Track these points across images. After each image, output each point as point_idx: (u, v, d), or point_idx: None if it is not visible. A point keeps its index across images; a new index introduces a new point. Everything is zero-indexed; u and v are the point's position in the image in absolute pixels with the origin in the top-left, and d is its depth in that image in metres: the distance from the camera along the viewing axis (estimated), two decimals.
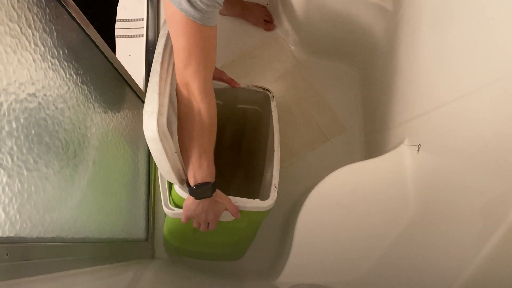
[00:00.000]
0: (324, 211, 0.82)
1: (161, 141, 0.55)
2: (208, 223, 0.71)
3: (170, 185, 0.76)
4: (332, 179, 0.84)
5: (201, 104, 0.58)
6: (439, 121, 0.72)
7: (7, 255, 0.41)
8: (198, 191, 0.64)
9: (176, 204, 0.74)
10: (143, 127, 0.56)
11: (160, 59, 0.62)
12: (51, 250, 0.50)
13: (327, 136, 1.18)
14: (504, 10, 0.53)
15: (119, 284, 0.67)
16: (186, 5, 0.48)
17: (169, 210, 0.73)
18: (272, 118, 0.90)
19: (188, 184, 0.65)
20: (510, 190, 0.53)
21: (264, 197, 0.77)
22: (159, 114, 0.55)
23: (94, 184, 0.64)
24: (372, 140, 1.10)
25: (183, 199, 0.69)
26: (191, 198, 0.65)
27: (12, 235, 0.43)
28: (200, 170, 0.62)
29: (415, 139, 0.80)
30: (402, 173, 0.82)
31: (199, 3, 0.48)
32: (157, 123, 0.54)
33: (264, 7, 1.25)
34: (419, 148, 0.78)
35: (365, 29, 1.04)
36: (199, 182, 0.63)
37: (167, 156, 0.59)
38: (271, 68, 1.23)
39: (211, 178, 0.64)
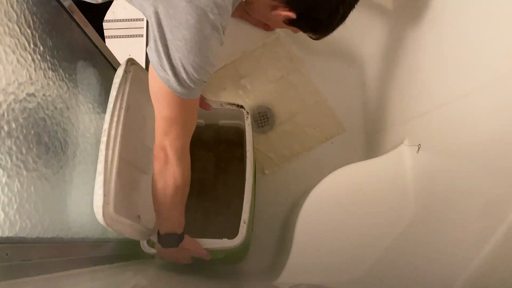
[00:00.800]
0: (324, 211, 0.82)
1: (112, 226, 0.58)
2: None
3: None
4: (332, 179, 0.84)
5: (177, 168, 0.59)
6: (439, 121, 0.72)
7: (6, 255, 0.41)
8: (164, 240, 0.66)
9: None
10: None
11: (105, 138, 0.60)
12: (50, 250, 0.50)
13: (327, 136, 1.18)
14: (504, 10, 0.53)
15: (119, 284, 0.67)
16: (174, 84, 0.49)
17: (147, 251, 0.76)
18: (245, 138, 0.84)
19: (158, 231, 0.67)
20: (510, 190, 0.53)
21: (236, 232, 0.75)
22: (105, 203, 0.58)
23: (94, 184, 0.64)
24: (372, 140, 1.10)
25: None
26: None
27: (11, 235, 0.43)
28: (169, 222, 0.65)
29: (415, 139, 0.80)
30: (402, 173, 0.81)
31: (188, 82, 0.49)
32: (103, 214, 0.57)
33: None
34: (419, 148, 0.77)
35: (365, 29, 1.04)
36: (166, 232, 0.66)
37: (123, 232, 0.62)
38: (272, 68, 1.23)
39: (179, 230, 0.66)
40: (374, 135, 1.09)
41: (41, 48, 0.49)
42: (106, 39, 1.07)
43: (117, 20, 1.05)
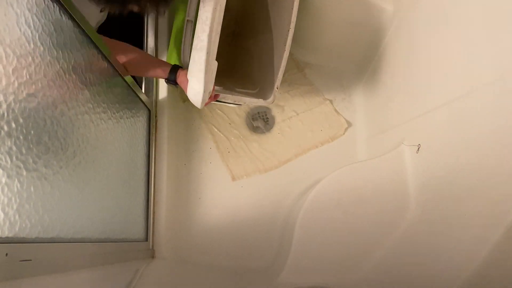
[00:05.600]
0: (325, 211, 0.82)
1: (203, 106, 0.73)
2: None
3: None
4: (332, 179, 0.84)
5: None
6: (439, 121, 0.72)
7: (6, 255, 0.41)
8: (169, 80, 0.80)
9: None
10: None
11: (207, 25, 0.62)
12: (50, 250, 0.50)
13: (329, 136, 1.18)
14: (503, 11, 0.53)
15: (119, 284, 0.67)
16: None
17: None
18: (293, 7, 0.84)
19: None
20: (510, 190, 0.53)
21: (262, 91, 0.86)
22: (205, 93, 0.67)
23: (93, 184, 0.64)
24: (372, 140, 1.10)
25: None
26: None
27: (11, 235, 0.43)
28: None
29: (415, 139, 0.80)
30: (402, 173, 0.81)
31: None
32: (202, 103, 0.70)
33: None
34: (419, 148, 0.78)
35: (365, 30, 1.04)
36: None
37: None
38: None
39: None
40: (374, 135, 1.09)
41: (41, 48, 0.49)
42: None
43: None
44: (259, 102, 0.90)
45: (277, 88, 0.89)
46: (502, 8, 0.54)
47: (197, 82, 0.66)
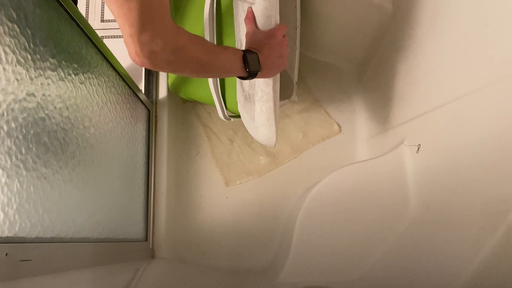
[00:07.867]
0: (324, 211, 0.82)
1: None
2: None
3: (224, 98, 0.88)
4: (332, 179, 0.84)
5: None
6: (439, 121, 0.72)
7: (6, 255, 0.41)
8: (251, 67, 0.59)
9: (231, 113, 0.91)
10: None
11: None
12: (50, 250, 0.50)
13: (328, 136, 1.18)
14: (503, 10, 0.53)
15: (119, 284, 0.67)
16: None
17: (225, 120, 0.92)
18: (296, 5, 0.86)
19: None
20: (510, 190, 0.53)
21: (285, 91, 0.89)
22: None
23: (93, 184, 0.64)
24: (372, 140, 1.10)
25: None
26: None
27: (11, 235, 0.43)
28: (227, 61, 0.58)
29: (415, 139, 0.80)
30: (402, 173, 0.81)
31: None
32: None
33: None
34: (418, 148, 0.77)
35: (364, 29, 1.04)
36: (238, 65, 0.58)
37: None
38: None
39: (238, 53, 0.59)
40: (374, 135, 1.09)
41: (41, 48, 0.49)
42: (106, 39, 1.07)
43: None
44: (285, 102, 0.94)
45: (295, 83, 0.92)
46: (503, 7, 0.54)
47: (268, 129, 0.71)
